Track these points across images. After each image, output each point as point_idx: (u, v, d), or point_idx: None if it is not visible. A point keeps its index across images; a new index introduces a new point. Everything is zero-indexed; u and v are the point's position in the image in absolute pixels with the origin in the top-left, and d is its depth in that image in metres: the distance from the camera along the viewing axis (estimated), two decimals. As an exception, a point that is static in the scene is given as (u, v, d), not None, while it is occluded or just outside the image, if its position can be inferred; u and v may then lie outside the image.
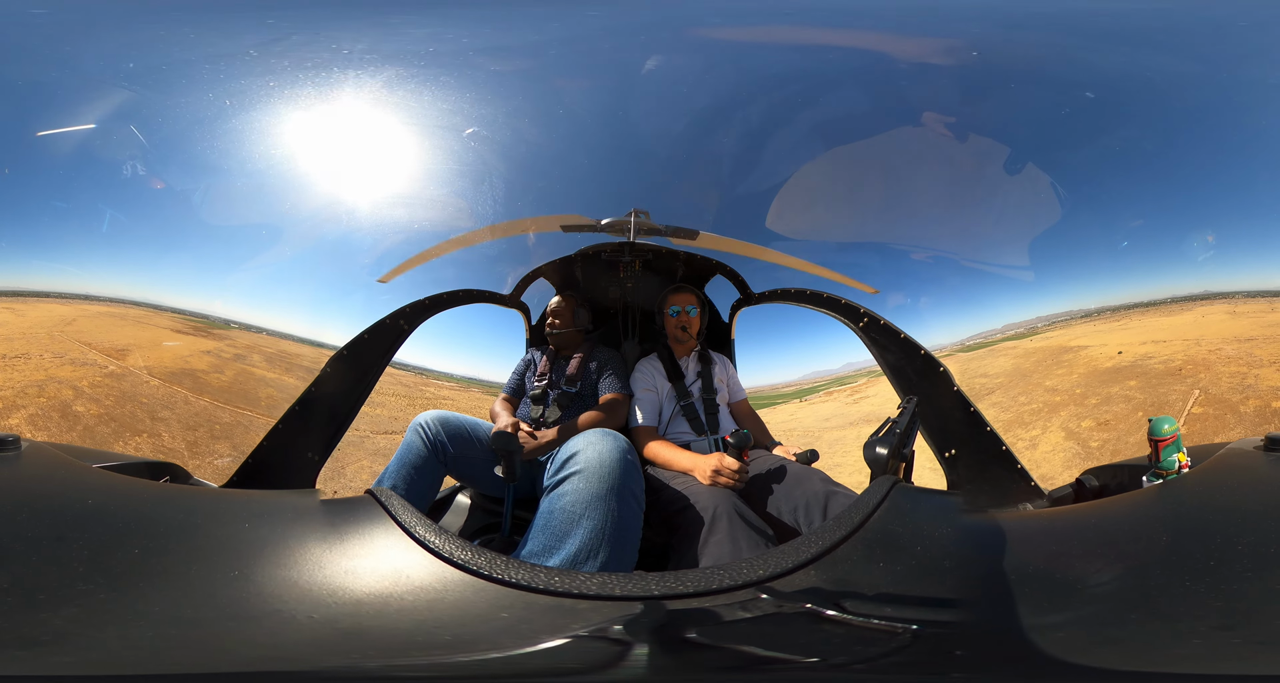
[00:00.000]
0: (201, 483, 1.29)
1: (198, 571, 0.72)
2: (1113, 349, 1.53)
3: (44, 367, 1.49)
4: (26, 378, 1.48)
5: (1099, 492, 1.26)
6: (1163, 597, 0.70)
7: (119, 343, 1.48)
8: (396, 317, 1.37)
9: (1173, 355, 1.55)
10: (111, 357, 1.48)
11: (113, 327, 1.46)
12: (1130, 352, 1.53)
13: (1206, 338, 1.54)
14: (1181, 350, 1.55)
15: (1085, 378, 1.55)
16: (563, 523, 0.95)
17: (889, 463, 0.99)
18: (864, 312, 1.45)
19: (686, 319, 1.64)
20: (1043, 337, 1.50)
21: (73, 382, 1.47)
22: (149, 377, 1.47)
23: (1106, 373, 1.55)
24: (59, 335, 1.48)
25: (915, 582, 0.75)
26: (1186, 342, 1.54)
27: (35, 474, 0.91)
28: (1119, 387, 1.54)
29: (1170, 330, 1.52)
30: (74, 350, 1.48)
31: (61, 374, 1.48)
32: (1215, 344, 1.55)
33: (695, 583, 0.71)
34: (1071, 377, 1.55)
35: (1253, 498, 0.85)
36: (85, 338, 1.49)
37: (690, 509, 1.23)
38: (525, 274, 1.53)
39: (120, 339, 1.47)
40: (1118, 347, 1.53)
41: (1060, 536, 0.85)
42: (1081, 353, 1.54)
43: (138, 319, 1.45)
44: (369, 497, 0.85)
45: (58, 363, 1.48)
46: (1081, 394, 1.55)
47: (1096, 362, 1.55)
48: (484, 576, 0.72)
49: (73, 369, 1.48)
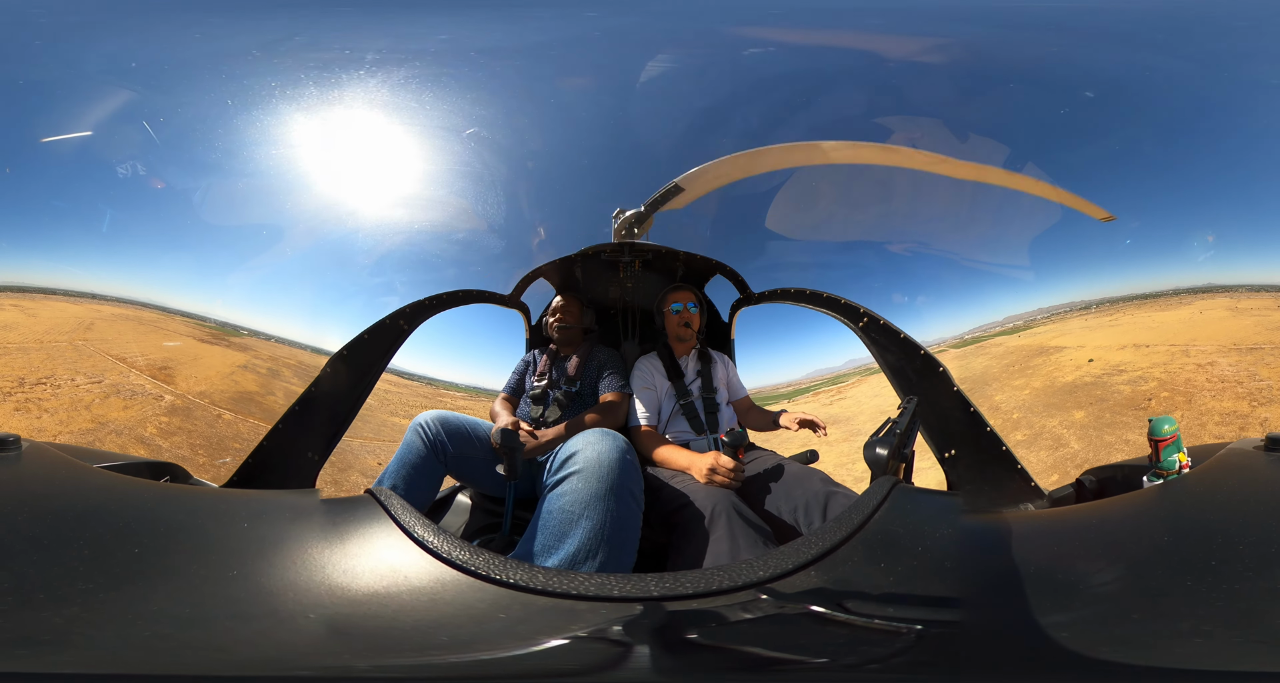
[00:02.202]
0: (201, 483, 1.29)
1: (198, 571, 0.72)
2: (1088, 354, 1.35)
3: (84, 398, 1.25)
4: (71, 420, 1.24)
5: (1099, 492, 1.26)
6: (1163, 597, 0.70)
7: (152, 357, 1.30)
8: (396, 317, 1.37)
9: (1150, 370, 1.29)
10: (158, 380, 1.29)
11: (133, 333, 1.32)
12: (1103, 360, 1.32)
13: (1199, 343, 1.31)
14: (1163, 363, 1.29)
15: (1036, 396, 1.38)
16: (562, 523, 0.95)
17: (889, 463, 0.99)
18: (864, 312, 1.45)
19: (688, 316, 1.64)
20: (1031, 333, 1.39)
21: (134, 427, 1.26)
22: (211, 405, 1.32)
23: (1061, 392, 1.37)
24: (83, 347, 1.31)
25: (916, 582, 0.74)
26: (1173, 349, 1.31)
27: (35, 474, 0.91)
28: (1059, 418, 1.32)
29: (1160, 330, 1.32)
30: (111, 371, 1.28)
31: (114, 415, 1.25)
32: (1208, 353, 1.30)
33: (695, 584, 0.71)
34: (1023, 393, 1.39)
35: (1253, 498, 0.85)
36: (113, 349, 1.30)
37: (689, 508, 1.23)
38: (525, 274, 1.53)
39: (150, 351, 1.31)
40: (1093, 351, 1.34)
41: (1060, 536, 0.85)
42: (1054, 357, 1.38)
43: (154, 323, 1.33)
44: (369, 497, 0.85)
45: (98, 391, 1.26)
46: (1017, 420, 1.36)
47: (1060, 372, 1.37)
48: (482, 576, 0.72)
49: (123, 405, 1.26)
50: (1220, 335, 1.33)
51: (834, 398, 1.50)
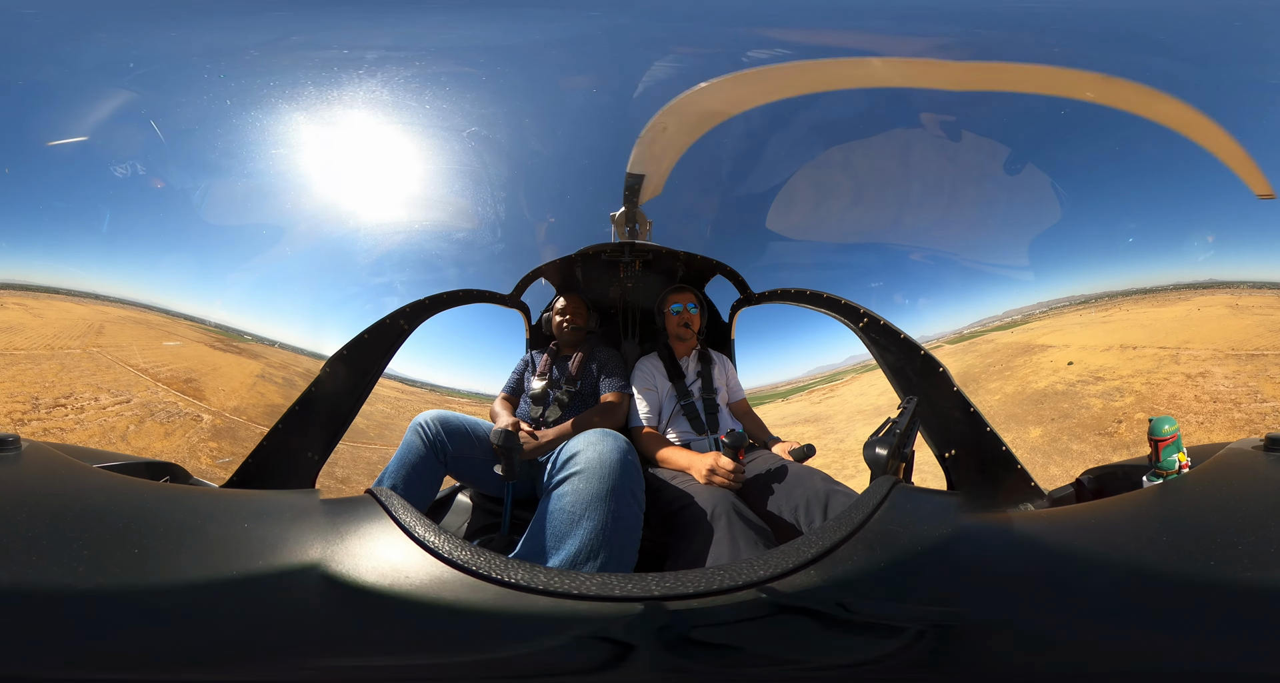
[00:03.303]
0: (201, 483, 1.29)
1: (198, 571, 0.72)
2: (1072, 354, 1.24)
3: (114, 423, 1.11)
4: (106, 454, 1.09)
5: (1099, 492, 1.26)
6: (1163, 597, 0.70)
7: (174, 367, 1.20)
8: (396, 317, 1.37)
9: (1130, 380, 1.12)
10: (188, 396, 1.19)
11: (145, 338, 1.23)
12: (1083, 364, 1.19)
13: (1192, 346, 1.15)
14: (1147, 372, 1.12)
15: (1004, 403, 1.29)
16: (563, 523, 0.95)
17: (889, 463, 0.99)
18: (864, 312, 1.45)
19: (688, 316, 1.64)
20: (1025, 328, 1.32)
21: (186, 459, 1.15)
22: (250, 422, 1.25)
23: (1029, 400, 1.29)
24: (99, 355, 1.18)
25: (916, 582, 0.75)
26: (1162, 353, 1.15)
27: (35, 474, 0.90)
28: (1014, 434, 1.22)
29: (1153, 328, 1.18)
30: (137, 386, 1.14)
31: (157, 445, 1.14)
32: (1201, 360, 1.13)
33: (696, 583, 0.71)
34: (994, 398, 1.30)
35: (1253, 498, 0.85)
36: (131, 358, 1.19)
37: (689, 509, 1.23)
38: (525, 274, 1.53)
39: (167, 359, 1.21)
40: (1077, 352, 1.23)
41: (1060, 535, 0.85)
42: (1036, 357, 1.28)
43: (162, 327, 1.26)
44: (369, 497, 0.85)
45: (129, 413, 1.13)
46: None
47: (1036, 376, 1.28)
48: (483, 576, 0.72)
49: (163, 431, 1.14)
50: (1217, 337, 1.19)
51: (824, 396, 1.49)
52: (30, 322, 1.25)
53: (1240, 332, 1.22)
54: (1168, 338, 1.18)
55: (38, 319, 1.25)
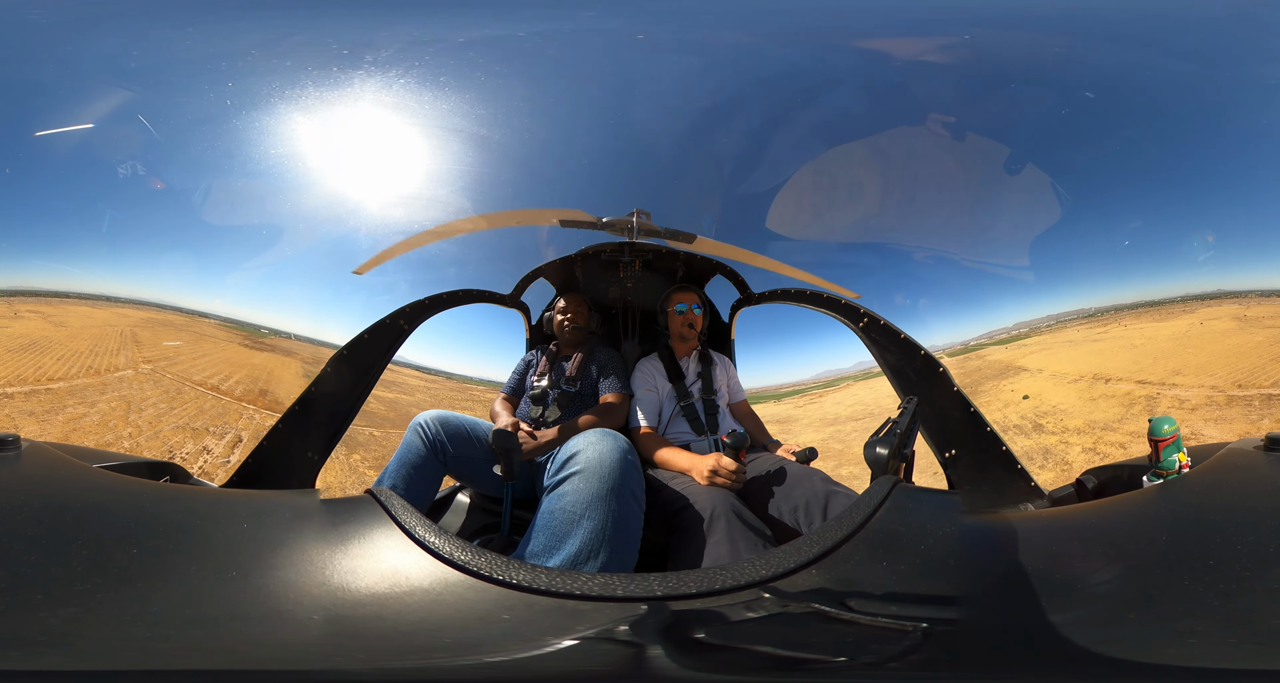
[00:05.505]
0: (201, 483, 1.29)
1: (198, 571, 0.72)
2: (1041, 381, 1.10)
3: None
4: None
5: (1099, 492, 1.26)
6: (1163, 597, 0.70)
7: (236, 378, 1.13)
8: (396, 316, 1.37)
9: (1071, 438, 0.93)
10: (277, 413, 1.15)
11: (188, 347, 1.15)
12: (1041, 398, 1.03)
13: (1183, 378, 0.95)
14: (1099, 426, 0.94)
15: None
16: (563, 523, 0.95)
17: (889, 463, 0.99)
18: (864, 312, 1.45)
19: (692, 317, 1.64)
20: (1019, 345, 1.26)
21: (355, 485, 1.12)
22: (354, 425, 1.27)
23: None
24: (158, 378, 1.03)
25: (917, 582, 0.75)
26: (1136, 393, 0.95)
27: (35, 474, 0.90)
28: None
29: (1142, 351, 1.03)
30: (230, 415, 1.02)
31: (331, 478, 1.09)
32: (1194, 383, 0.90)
33: (697, 583, 0.71)
34: None
35: (1253, 498, 0.86)
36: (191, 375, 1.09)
37: (689, 509, 1.23)
38: (525, 274, 1.53)
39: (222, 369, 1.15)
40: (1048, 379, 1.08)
41: (1061, 536, 0.85)
42: (1005, 382, 1.18)
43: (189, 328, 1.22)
44: (369, 497, 0.85)
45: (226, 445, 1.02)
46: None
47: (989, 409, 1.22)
48: (484, 576, 0.72)
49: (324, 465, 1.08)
50: (1218, 362, 1.01)
51: (811, 401, 1.49)
52: (54, 333, 1.12)
53: (1246, 355, 1.05)
54: (1155, 366, 1.01)
55: (61, 329, 1.12)
